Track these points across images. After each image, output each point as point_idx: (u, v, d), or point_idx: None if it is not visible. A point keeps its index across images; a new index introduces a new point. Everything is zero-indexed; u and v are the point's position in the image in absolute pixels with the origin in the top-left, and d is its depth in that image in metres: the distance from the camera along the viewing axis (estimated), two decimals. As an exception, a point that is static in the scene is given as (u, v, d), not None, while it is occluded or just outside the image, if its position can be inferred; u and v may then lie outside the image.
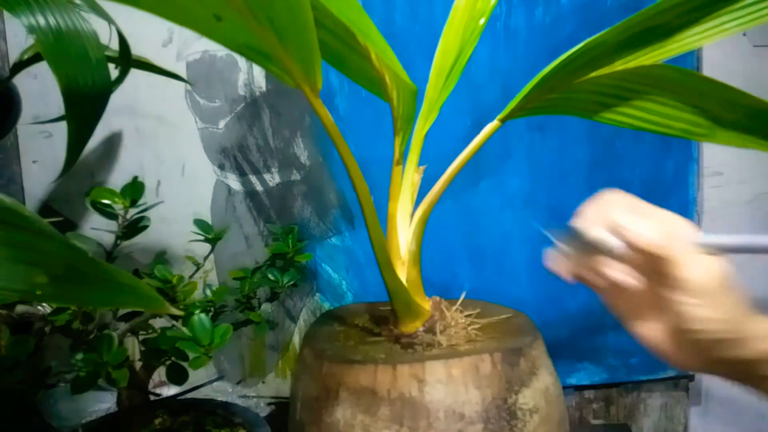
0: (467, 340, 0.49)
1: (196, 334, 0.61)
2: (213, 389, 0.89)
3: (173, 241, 0.88)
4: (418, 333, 0.50)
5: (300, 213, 0.91)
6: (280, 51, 0.33)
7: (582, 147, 0.89)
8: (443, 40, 0.49)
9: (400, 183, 0.50)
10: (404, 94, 0.50)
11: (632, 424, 0.99)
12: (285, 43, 0.32)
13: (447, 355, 0.45)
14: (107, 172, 0.87)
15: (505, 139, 0.88)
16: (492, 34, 0.86)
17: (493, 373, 0.43)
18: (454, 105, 0.88)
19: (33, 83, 0.82)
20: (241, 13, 0.29)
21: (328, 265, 0.91)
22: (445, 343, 0.48)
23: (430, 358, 0.44)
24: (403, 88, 0.49)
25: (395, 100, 0.50)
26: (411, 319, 0.49)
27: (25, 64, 0.61)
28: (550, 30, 0.86)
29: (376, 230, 0.46)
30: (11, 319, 0.58)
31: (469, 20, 0.50)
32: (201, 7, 0.28)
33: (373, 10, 0.85)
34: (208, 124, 0.88)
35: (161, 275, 0.66)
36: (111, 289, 0.38)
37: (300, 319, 0.93)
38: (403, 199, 0.51)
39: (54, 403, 0.88)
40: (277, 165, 0.89)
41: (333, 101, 0.87)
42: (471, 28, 0.49)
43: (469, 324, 0.50)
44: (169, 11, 0.31)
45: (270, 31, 0.31)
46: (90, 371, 0.57)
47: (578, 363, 0.95)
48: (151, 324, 0.68)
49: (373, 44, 0.42)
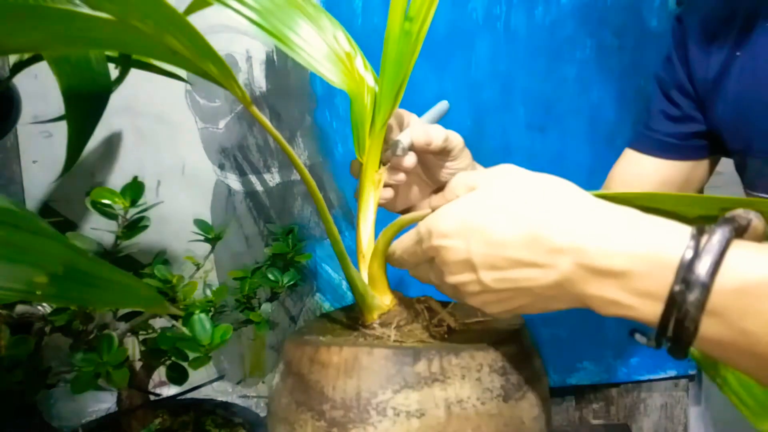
0: (417, 340, 0.49)
1: (196, 334, 0.61)
2: (213, 389, 0.89)
3: (173, 241, 0.88)
4: (374, 325, 0.50)
5: (300, 213, 0.91)
6: (220, 78, 0.41)
7: (582, 147, 0.89)
8: (385, 43, 0.51)
9: (365, 182, 0.53)
10: (352, 96, 0.53)
11: (632, 424, 0.99)
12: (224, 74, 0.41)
13: (373, 345, 0.46)
14: (107, 172, 0.87)
15: (505, 139, 0.88)
16: (492, 34, 0.86)
17: (394, 368, 0.44)
18: (454, 105, 0.88)
19: (33, 83, 0.82)
20: (187, 52, 0.38)
21: (328, 265, 0.91)
22: (393, 338, 0.48)
23: (354, 345, 0.46)
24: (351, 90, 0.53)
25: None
26: (368, 311, 0.51)
27: (25, 64, 0.61)
28: (550, 30, 0.86)
29: (328, 224, 0.50)
30: (11, 319, 0.58)
31: (402, 24, 0.52)
32: (160, 45, 0.36)
33: (373, 10, 0.85)
34: (208, 124, 0.88)
35: (161, 275, 0.66)
36: (111, 289, 0.38)
37: (300, 319, 0.93)
38: (365, 198, 0.53)
39: (54, 403, 0.88)
40: (277, 165, 0.89)
41: (333, 101, 0.87)
42: (406, 30, 0.51)
43: (435, 325, 0.50)
44: (136, 49, 0.41)
45: (210, 65, 0.40)
46: (90, 371, 0.57)
47: (578, 363, 0.95)
48: (151, 324, 0.68)
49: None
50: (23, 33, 0.33)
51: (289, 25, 0.51)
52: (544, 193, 0.39)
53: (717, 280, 0.31)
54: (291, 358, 0.49)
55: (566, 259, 0.36)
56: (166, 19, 0.35)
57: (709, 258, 0.32)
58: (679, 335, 0.33)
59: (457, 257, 0.41)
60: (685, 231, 0.34)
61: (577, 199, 0.38)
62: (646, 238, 0.34)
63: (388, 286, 0.52)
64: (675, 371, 0.96)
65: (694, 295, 0.32)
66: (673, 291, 0.32)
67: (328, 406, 0.44)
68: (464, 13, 0.85)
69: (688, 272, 0.32)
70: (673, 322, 0.33)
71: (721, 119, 0.62)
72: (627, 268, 0.34)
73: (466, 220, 0.40)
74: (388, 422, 0.43)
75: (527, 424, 0.46)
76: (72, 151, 0.55)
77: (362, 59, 0.55)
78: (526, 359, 0.49)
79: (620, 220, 0.36)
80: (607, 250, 0.34)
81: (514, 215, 0.38)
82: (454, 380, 0.44)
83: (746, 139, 0.60)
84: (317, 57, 0.52)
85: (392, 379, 0.44)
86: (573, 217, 0.37)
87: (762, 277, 0.31)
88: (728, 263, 0.32)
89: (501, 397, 0.45)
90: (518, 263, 0.38)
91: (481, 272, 0.40)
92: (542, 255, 0.37)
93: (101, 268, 0.37)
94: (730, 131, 0.62)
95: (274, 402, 0.49)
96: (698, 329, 0.32)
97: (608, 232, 0.35)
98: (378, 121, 0.52)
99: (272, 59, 0.87)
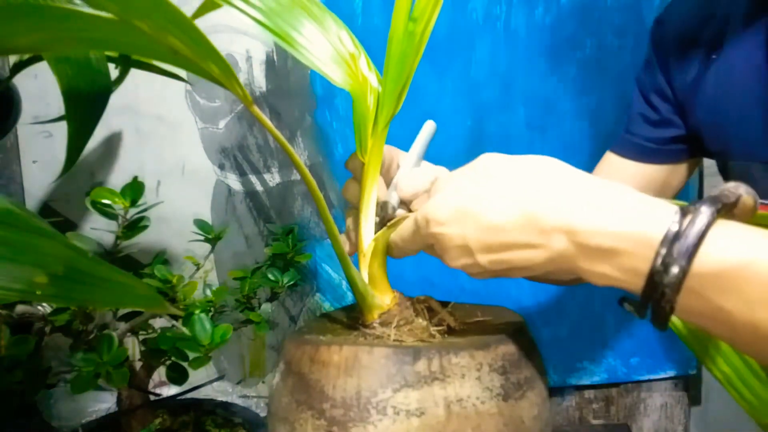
0: (417, 339, 0.49)
1: (196, 334, 0.61)
2: (213, 389, 0.89)
3: (173, 241, 0.88)
4: (374, 325, 0.50)
5: (300, 213, 0.91)
6: (222, 78, 0.41)
7: (582, 147, 0.89)
8: (389, 43, 0.51)
9: (366, 182, 0.52)
10: (355, 96, 0.52)
11: (632, 424, 0.99)
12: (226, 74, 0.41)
13: (373, 344, 0.46)
14: (107, 172, 0.87)
15: (505, 139, 0.88)
16: (492, 34, 0.86)
17: (394, 367, 0.44)
18: (454, 105, 0.88)
19: (33, 83, 0.82)
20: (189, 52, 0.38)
21: (328, 265, 0.91)
22: (393, 337, 0.49)
23: (354, 344, 0.46)
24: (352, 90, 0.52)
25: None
26: (368, 311, 0.51)
27: (25, 64, 0.61)
28: (550, 30, 0.86)
29: (329, 224, 0.49)
30: (11, 319, 0.58)
31: (407, 24, 0.51)
32: (162, 45, 0.36)
33: (373, 10, 0.85)
34: (208, 124, 0.88)
35: (161, 275, 0.66)
36: (111, 289, 0.38)
37: (300, 319, 0.93)
38: (365, 198, 0.53)
39: (54, 403, 0.88)
40: (277, 165, 0.89)
41: (333, 101, 0.87)
42: (410, 31, 0.51)
43: (435, 325, 0.50)
44: (138, 49, 0.40)
45: (212, 65, 0.39)
46: (90, 371, 0.57)
47: (578, 363, 0.95)
48: (151, 324, 0.68)
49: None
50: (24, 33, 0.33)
51: (294, 25, 0.51)
52: (534, 174, 0.40)
53: (695, 261, 0.33)
54: (291, 358, 0.49)
55: (558, 238, 0.37)
56: (168, 18, 0.35)
57: (689, 240, 0.33)
58: (657, 311, 0.35)
59: (454, 243, 0.42)
60: (670, 210, 0.35)
61: (567, 177, 0.39)
62: (633, 217, 0.35)
63: (388, 286, 0.52)
64: (675, 371, 0.96)
65: (671, 276, 0.33)
66: (653, 271, 0.34)
67: (329, 405, 0.44)
68: (464, 13, 0.85)
69: (668, 254, 0.33)
70: (652, 300, 0.35)
71: (700, 123, 0.62)
72: (614, 245, 0.35)
73: (461, 207, 0.42)
74: (388, 421, 0.43)
75: (527, 424, 0.46)
76: (72, 151, 0.55)
77: (366, 60, 0.55)
78: (526, 359, 0.48)
79: (607, 198, 0.37)
80: (596, 230, 0.36)
81: (506, 199, 0.40)
82: (454, 379, 0.44)
83: (725, 142, 0.60)
84: (321, 57, 0.52)
85: (392, 378, 0.44)
86: (563, 197, 0.38)
87: (740, 260, 0.32)
88: (707, 245, 0.33)
89: (501, 397, 0.45)
90: (513, 245, 0.39)
91: (478, 255, 0.41)
92: (535, 236, 0.38)
93: (101, 268, 0.37)
94: (710, 135, 0.62)
95: (274, 401, 0.49)
96: (674, 308, 0.34)
97: (597, 211, 0.36)
98: (381, 121, 0.52)
99: (272, 59, 0.87)
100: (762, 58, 0.55)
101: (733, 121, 0.58)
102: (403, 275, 0.52)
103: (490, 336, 0.48)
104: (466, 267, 0.43)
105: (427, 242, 0.46)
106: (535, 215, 0.38)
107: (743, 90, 0.57)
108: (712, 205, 0.33)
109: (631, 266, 0.35)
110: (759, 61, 0.55)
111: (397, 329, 0.50)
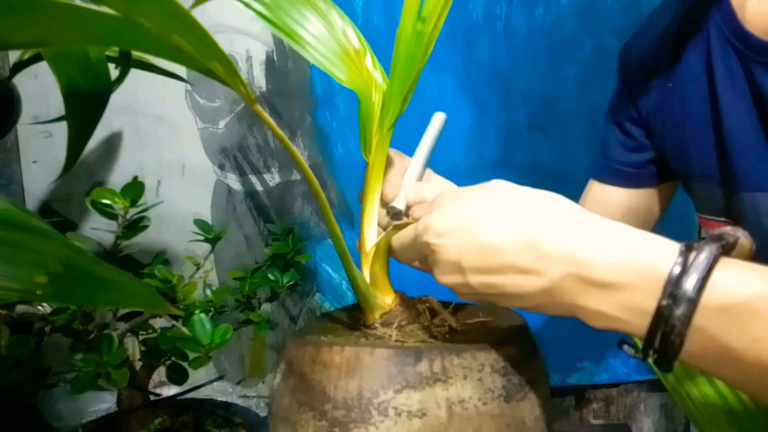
0: (418, 340, 0.49)
1: (196, 334, 0.61)
2: (213, 389, 0.89)
3: (173, 241, 0.88)
4: (376, 325, 0.50)
5: (300, 213, 0.91)
6: (225, 76, 0.40)
7: (582, 147, 0.89)
8: (396, 43, 0.50)
9: (370, 182, 0.52)
10: (360, 95, 0.52)
11: (632, 424, 0.99)
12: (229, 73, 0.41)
13: (374, 345, 0.46)
14: (107, 172, 0.87)
15: (505, 139, 0.88)
16: (492, 34, 0.86)
17: (395, 368, 0.44)
18: (454, 105, 0.88)
19: (33, 83, 0.82)
20: (192, 50, 0.37)
21: (328, 265, 0.91)
22: (395, 338, 0.49)
23: (356, 345, 0.45)
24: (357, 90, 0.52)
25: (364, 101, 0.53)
26: (370, 311, 0.51)
27: (25, 64, 0.61)
28: (550, 30, 0.86)
29: (330, 223, 0.49)
30: (11, 319, 0.58)
31: (415, 24, 0.51)
32: (165, 43, 0.36)
33: (373, 10, 0.85)
34: (208, 124, 0.88)
35: (161, 275, 0.66)
36: (111, 289, 0.38)
37: (300, 319, 0.93)
38: (369, 198, 0.52)
39: (54, 403, 0.88)
40: (277, 165, 0.89)
41: (333, 101, 0.87)
42: (419, 31, 0.50)
43: (437, 325, 0.50)
44: (141, 46, 0.39)
45: (215, 63, 0.39)
46: (90, 371, 0.57)
47: (578, 363, 0.95)
48: (151, 324, 0.68)
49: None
50: (25, 28, 0.33)
51: (298, 20, 0.50)
52: (541, 204, 0.40)
53: (703, 296, 0.32)
54: (292, 358, 0.49)
55: (557, 266, 0.36)
56: (172, 15, 0.35)
57: (696, 274, 0.32)
58: (665, 348, 0.34)
59: (448, 257, 0.41)
60: (674, 247, 0.34)
61: (571, 211, 0.39)
62: (636, 251, 0.35)
63: (390, 286, 0.52)
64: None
65: (681, 310, 0.32)
66: (661, 305, 0.33)
67: (330, 405, 0.44)
68: (464, 13, 0.85)
69: (676, 287, 0.32)
70: (660, 336, 0.34)
71: (663, 148, 0.64)
72: (616, 279, 0.34)
73: (462, 222, 0.41)
74: (390, 422, 0.43)
75: (528, 425, 0.46)
76: (72, 151, 0.55)
77: (372, 57, 0.54)
78: (528, 360, 0.48)
79: (612, 233, 0.36)
80: (598, 261, 0.35)
81: (509, 222, 0.39)
82: (456, 380, 0.44)
83: (685, 165, 0.62)
84: (326, 54, 0.51)
85: (394, 379, 0.44)
86: (567, 227, 0.37)
87: (746, 296, 0.32)
88: (715, 280, 0.32)
89: (502, 398, 0.45)
90: (508, 268, 0.38)
91: (470, 275, 0.40)
92: (534, 260, 0.37)
93: (101, 268, 0.37)
94: (672, 158, 0.64)
95: (275, 402, 0.49)
96: (684, 343, 0.33)
97: (600, 244, 0.36)
98: (386, 121, 0.51)
99: (272, 59, 0.87)
100: (706, 84, 0.57)
101: (689, 146, 0.60)
102: (405, 275, 0.51)
103: (492, 337, 0.48)
104: (455, 286, 0.42)
105: (422, 251, 0.45)
106: (537, 239, 0.37)
107: (696, 115, 0.58)
108: (715, 242, 0.34)
109: (634, 303, 0.34)
110: (704, 87, 0.57)
111: (399, 330, 0.50)
